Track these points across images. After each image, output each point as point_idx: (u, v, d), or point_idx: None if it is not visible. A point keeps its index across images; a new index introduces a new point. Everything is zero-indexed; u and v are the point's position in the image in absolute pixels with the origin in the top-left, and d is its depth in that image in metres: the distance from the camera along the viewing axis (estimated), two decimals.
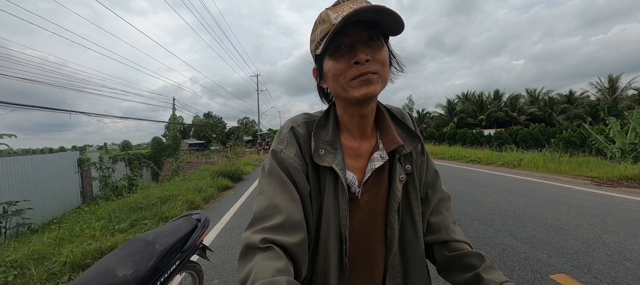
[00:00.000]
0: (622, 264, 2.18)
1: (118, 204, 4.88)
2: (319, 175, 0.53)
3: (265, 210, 0.46)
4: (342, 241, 0.51)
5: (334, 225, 0.51)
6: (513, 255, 2.39)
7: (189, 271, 1.73)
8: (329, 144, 0.53)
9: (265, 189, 0.49)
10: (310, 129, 0.56)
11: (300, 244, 0.44)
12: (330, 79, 0.50)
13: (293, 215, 0.46)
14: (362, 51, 0.45)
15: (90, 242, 2.84)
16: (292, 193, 0.48)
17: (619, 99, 25.94)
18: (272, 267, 0.38)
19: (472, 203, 4.09)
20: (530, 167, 7.60)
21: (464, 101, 34.83)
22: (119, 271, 1.18)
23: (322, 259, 0.51)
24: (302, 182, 0.51)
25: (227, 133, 44.22)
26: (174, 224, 1.62)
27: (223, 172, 7.97)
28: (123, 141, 28.86)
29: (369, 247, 0.55)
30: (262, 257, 0.40)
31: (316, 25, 0.50)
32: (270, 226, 0.44)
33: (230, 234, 3.39)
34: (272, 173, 0.51)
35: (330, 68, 0.48)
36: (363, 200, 0.54)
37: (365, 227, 0.55)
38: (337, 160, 0.51)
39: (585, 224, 3.07)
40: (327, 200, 0.52)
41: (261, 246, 0.41)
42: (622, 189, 4.76)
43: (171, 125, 21.36)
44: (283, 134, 0.55)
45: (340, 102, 0.55)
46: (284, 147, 0.53)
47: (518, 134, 20.14)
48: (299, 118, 0.58)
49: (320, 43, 0.47)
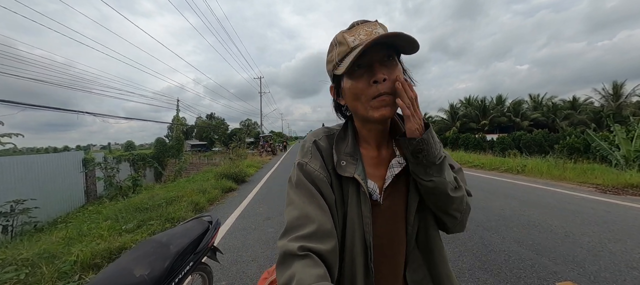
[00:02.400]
0: (629, 273, 2.17)
1: (124, 204, 4.92)
2: (341, 185, 0.57)
3: (297, 219, 0.49)
4: (366, 247, 0.54)
5: (358, 232, 0.54)
6: (519, 263, 2.40)
7: (200, 272, 1.76)
8: (349, 156, 0.57)
9: (295, 200, 0.53)
10: (331, 142, 0.59)
11: (332, 251, 0.47)
12: (349, 97, 0.54)
13: (324, 223, 0.49)
14: (380, 71, 0.49)
15: (98, 242, 2.87)
16: (320, 203, 0.51)
17: (623, 106, 25.76)
18: (313, 274, 0.41)
19: (476, 209, 4.09)
20: (534, 173, 7.57)
21: (467, 106, 34.77)
22: (136, 271, 1.22)
23: (349, 265, 0.54)
24: (328, 192, 0.54)
25: (229, 134, 44.38)
26: (185, 226, 1.65)
27: (227, 173, 8.01)
28: (127, 141, 29.09)
29: (391, 249, 0.58)
30: (301, 264, 0.43)
31: (332, 47, 0.54)
32: (305, 235, 0.47)
33: (236, 236, 3.41)
34: (299, 185, 0.54)
35: (350, 87, 0.52)
36: (385, 205, 0.57)
37: (388, 231, 0.58)
38: (358, 171, 0.55)
39: (591, 231, 3.07)
40: (351, 209, 0.55)
41: (299, 253, 0.44)
42: (628, 197, 4.74)
43: (174, 126, 21.49)
44: (306, 147, 0.59)
45: (358, 117, 0.59)
46: (308, 159, 0.56)
47: (521, 140, 20.05)
48: (320, 132, 0.62)
49: (339, 63, 0.51)
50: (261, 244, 3.11)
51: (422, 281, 0.59)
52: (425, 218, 0.60)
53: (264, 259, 2.69)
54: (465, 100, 35.83)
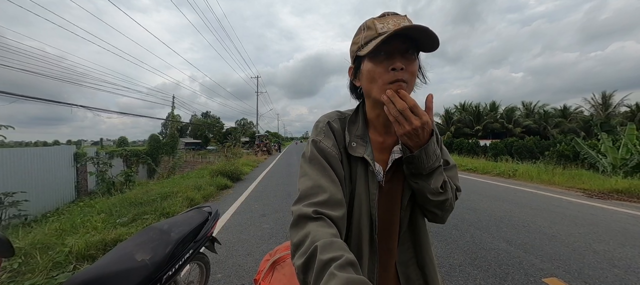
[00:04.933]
0: (610, 270, 2.28)
1: (118, 199, 4.88)
2: (350, 164, 0.62)
3: (311, 189, 0.53)
4: (372, 221, 0.60)
5: (365, 206, 0.60)
6: (508, 260, 2.48)
7: (198, 262, 1.78)
8: (360, 138, 0.62)
9: (309, 172, 0.57)
10: (343, 125, 0.65)
11: (342, 218, 0.52)
12: (366, 79, 0.58)
13: (335, 194, 0.53)
14: (399, 60, 0.53)
15: (93, 234, 2.86)
16: (332, 176, 0.56)
17: (611, 115, 26.50)
18: (328, 232, 0.45)
19: (469, 210, 4.19)
20: (524, 177, 7.75)
21: (462, 111, 35.27)
22: (138, 256, 1.24)
23: (356, 236, 0.59)
24: (338, 167, 0.59)
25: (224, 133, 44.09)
26: (186, 215, 1.68)
27: (222, 171, 7.99)
28: (120, 137, 28.57)
29: (390, 227, 0.64)
30: (316, 225, 0.47)
31: (360, 30, 0.58)
32: (318, 202, 0.51)
33: (231, 231, 3.43)
34: (313, 159, 0.59)
35: (369, 69, 0.56)
36: (386, 188, 0.63)
37: (388, 211, 0.63)
38: (367, 152, 0.60)
39: (577, 232, 3.18)
40: (359, 186, 0.60)
41: (314, 216, 0.48)
42: (613, 202, 4.90)
43: (169, 123, 21.28)
44: (320, 127, 0.64)
45: (369, 101, 0.63)
46: (322, 137, 0.61)
47: (513, 146, 20.43)
48: (333, 115, 0.67)
49: (364, 46, 0.55)
50: (257, 239, 3.14)
51: (408, 261, 0.65)
52: (417, 205, 0.65)
53: (260, 254, 2.72)
54: (460, 105, 36.35)
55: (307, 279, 0.42)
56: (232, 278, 2.29)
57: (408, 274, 0.64)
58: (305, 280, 0.42)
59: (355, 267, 0.39)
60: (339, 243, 0.42)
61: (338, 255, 0.39)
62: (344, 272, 0.36)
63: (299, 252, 0.44)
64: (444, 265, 2.41)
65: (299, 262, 0.43)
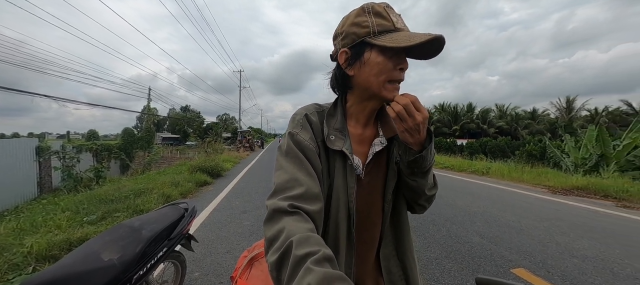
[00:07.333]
0: (570, 260, 2.47)
1: (85, 196, 4.57)
2: (328, 158, 0.60)
3: (287, 182, 0.51)
4: (350, 215, 0.59)
5: (343, 200, 0.58)
6: (480, 252, 2.61)
7: (173, 260, 1.71)
8: (338, 131, 0.60)
9: (284, 165, 0.55)
10: (322, 117, 0.63)
11: (319, 212, 0.50)
12: (371, 69, 0.55)
13: (312, 187, 0.51)
14: (405, 61, 0.55)
15: (56, 233, 2.66)
16: (309, 169, 0.54)
17: (574, 118, 28.76)
18: (304, 227, 0.43)
19: (445, 206, 4.36)
20: (497, 175, 8.20)
21: (441, 111, 36.67)
22: (105, 255, 1.16)
23: (333, 230, 0.58)
24: (316, 161, 0.57)
25: (205, 128, 42.60)
26: (160, 211, 1.60)
27: (202, 167, 7.73)
28: (89, 130, 26.52)
29: (369, 220, 0.63)
30: (292, 219, 0.45)
31: (364, 13, 0.54)
32: (294, 195, 0.49)
33: (210, 229, 3.33)
34: (289, 153, 0.56)
35: (379, 62, 0.54)
36: (365, 181, 0.62)
37: (366, 204, 0.62)
38: (346, 145, 0.59)
39: (542, 226, 3.42)
40: (337, 179, 0.59)
41: (290, 210, 0.46)
42: (574, 197, 5.33)
43: (145, 117, 20.23)
44: (297, 119, 0.61)
45: (358, 93, 0.61)
46: (299, 130, 0.59)
47: (487, 145, 21.56)
48: (311, 107, 0.65)
49: (379, 35, 0.52)
50: (237, 236, 3.07)
51: (389, 254, 0.65)
52: (400, 198, 0.65)
53: (240, 251, 2.66)
54: (439, 106, 37.78)
55: (280, 277, 0.39)
56: (210, 276, 2.22)
57: (389, 267, 0.64)
58: (278, 277, 0.40)
59: (332, 263, 0.37)
60: (315, 238, 0.41)
61: (315, 250, 0.38)
62: (321, 267, 0.35)
63: (273, 247, 0.42)
64: (421, 258, 2.49)
65: (273, 259, 0.41)
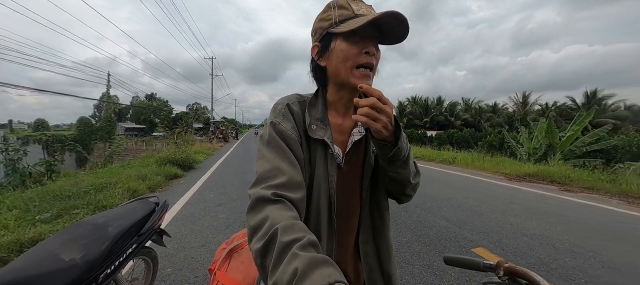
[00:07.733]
0: (521, 239, 2.78)
1: (36, 192, 4.12)
2: (309, 147, 0.61)
3: (269, 171, 0.51)
4: (330, 202, 0.61)
5: (323, 187, 0.60)
6: (446, 235, 2.83)
7: (143, 257, 1.63)
8: (320, 121, 0.61)
9: (266, 154, 0.55)
10: (303, 107, 0.63)
11: (301, 200, 0.51)
12: (337, 58, 0.56)
13: (295, 176, 0.52)
14: (373, 45, 0.55)
15: (3, 233, 2.39)
16: (291, 159, 0.55)
17: (528, 112, 31.70)
18: (288, 215, 0.44)
19: (417, 194, 4.61)
20: (462, 164, 8.85)
21: (413, 104, 38.27)
22: (65, 255, 1.08)
23: (314, 217, 0.60)
24: (298, 150, 0.57)
25: (173, 118, 40.12)
26: (127, 207, 1.50)
27: (171, 159, 7.33)
28: (37, 119, 23.43)
29: (349, 208, 0.66)
30: (275, 208, 0.45)
31: (329, 8, 0.56)
32: (277, 184, 0.49)
33: (183, 223, 3.20)
34: (271, 142, 0.56)
35: (343, 49, 0.55)
36: (345, 169, 0.64)
37: (346, 191, 0.65)
38: (327, 135, 0.60)
39: (498, 209, 3.78)
40: (318, 168, 0.60)
41: (273, 198, 0.47)
42: (526, 183, 5.94)
43: (104, 105, 18.51)
44: (279, 109, 0.61)
45: (334, 82, 0.62)
46: (281, 120, 0.59)
47: (454, 136, 23.02)
48: (293, 97, 0.65)
49: (340, 24, 0.54)
50: (212, 229, 3.00)
51: (367, 240, 0.68)
52: (378, 187, 0.68)
53: (216, 244, 2.60)
54: (412, 98, 39.37)
55: (265, 263, 0.40)
56: (185, 271, 2.17)
57: (366, 250, 0.68)
58: (263, 263, 0.41)
59: (317, 248, 0.39)
60: (299, 225, 0.42)
61: (300, 236, 0.39)
62: (307, 252, 0.36)
63: (258, 235, 0.43)
64: (394, 242, 2.62)
65: (258, 246, 0.41)
